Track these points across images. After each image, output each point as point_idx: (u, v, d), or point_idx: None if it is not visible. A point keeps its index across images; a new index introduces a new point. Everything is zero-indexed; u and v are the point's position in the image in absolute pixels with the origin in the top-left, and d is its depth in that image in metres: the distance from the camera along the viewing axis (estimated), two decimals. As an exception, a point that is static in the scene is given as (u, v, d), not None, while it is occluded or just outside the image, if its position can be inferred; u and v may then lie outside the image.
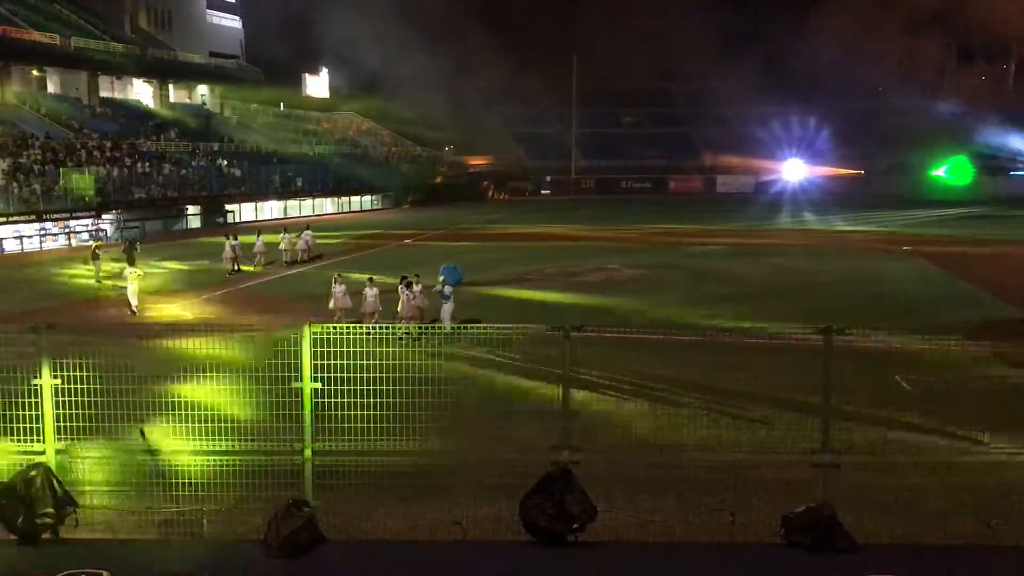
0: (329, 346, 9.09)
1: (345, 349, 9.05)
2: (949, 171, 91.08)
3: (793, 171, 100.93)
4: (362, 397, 8.96)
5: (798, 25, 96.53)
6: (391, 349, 9.95)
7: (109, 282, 30.88)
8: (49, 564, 8.25)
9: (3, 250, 44.66)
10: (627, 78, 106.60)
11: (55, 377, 9.05)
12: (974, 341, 10.27)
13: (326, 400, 9.02)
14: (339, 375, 9.01)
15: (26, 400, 9.07)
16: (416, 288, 21.46)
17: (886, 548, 8.76)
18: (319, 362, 9.05)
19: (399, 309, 21.14)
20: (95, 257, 32.94)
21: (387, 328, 10.04)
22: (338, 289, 22.33)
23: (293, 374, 9.05)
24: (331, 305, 22.07)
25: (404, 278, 21.80)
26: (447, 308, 21.24)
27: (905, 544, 8.84)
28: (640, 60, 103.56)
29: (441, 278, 22.92)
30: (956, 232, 48.90)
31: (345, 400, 8.94)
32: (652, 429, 11.53)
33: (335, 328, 9.42)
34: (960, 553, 8.65)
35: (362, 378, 9.00)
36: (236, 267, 34.45)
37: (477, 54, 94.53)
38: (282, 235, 38.13)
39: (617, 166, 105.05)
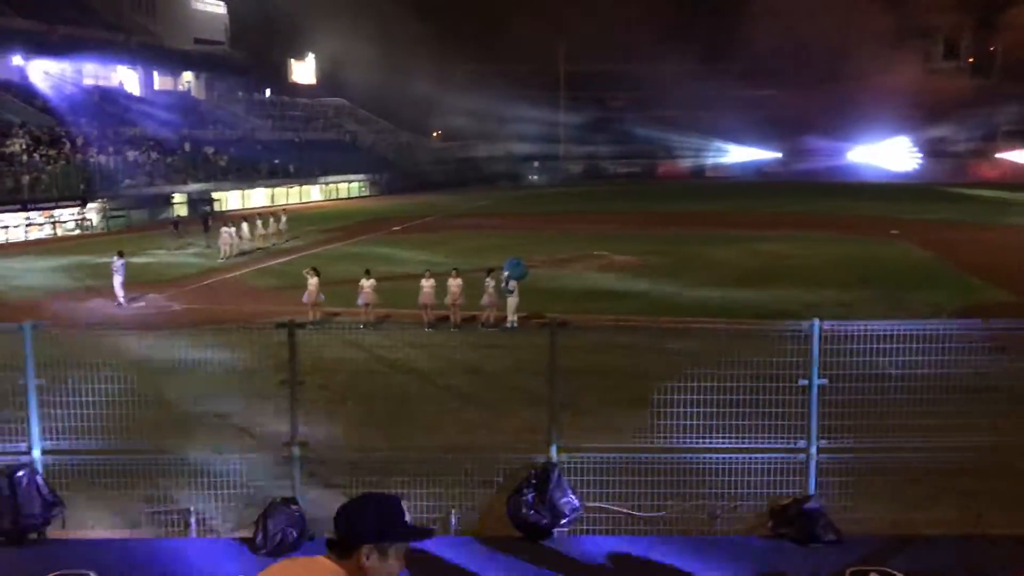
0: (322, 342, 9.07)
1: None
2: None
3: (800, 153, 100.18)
4: (355, 392, 8.95)
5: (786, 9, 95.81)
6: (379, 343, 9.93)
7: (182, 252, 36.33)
8: (36, 564, 8.21)
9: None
10: (614, 61, 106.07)
11: (40, 376, 8.99)
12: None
13: (318, 396, 9.00)
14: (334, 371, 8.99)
15: (11, 399, 9.01)
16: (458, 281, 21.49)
17: (872, 539, 8.81)
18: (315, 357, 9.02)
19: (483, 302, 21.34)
20: (176, 227, 39.98)
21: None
22: (312, 283, 22.10)
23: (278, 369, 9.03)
24: (305, 299, 21.90)
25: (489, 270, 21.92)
26: (512, 302, 21.05)
27: (891, 535, 8.89)
28: (627, 42, 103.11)
29: (506, 273, 21.89)
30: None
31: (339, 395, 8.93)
32: (638, 421, 11.54)
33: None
34: (946, 543, 8.71)
35: (356, 373, 9.00)
36: (230, 254, 34.64)
37: (464, 38, 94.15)
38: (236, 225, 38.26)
39: (605, 152, 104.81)
